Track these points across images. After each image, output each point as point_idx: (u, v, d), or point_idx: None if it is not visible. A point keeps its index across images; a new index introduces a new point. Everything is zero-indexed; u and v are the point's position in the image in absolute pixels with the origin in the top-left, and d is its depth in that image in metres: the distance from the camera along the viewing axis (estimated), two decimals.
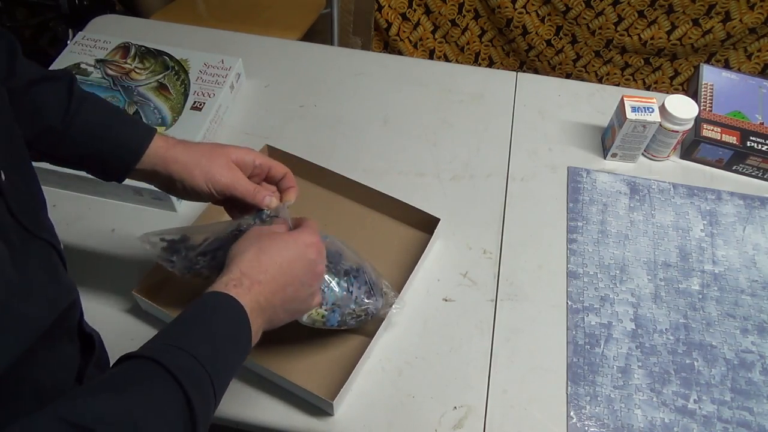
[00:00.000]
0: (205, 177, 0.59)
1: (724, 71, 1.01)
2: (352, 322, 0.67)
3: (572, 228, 0.85)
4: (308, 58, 1.08)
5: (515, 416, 0.68)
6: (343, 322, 0.66)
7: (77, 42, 1.01)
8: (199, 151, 0.60)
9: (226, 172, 0.59)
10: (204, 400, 0.43)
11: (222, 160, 0.60)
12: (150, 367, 0.42)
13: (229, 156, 0.61)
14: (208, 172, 0.59)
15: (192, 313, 0.48)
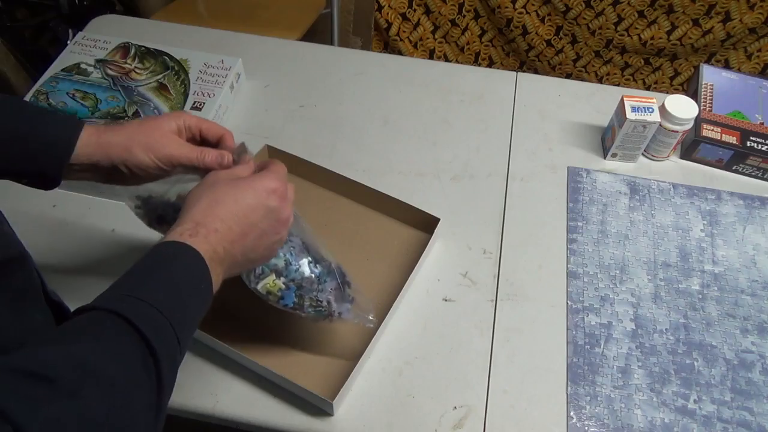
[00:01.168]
0: (145, 150, 0.55)
1: (724, 71, 1.01)
2: (310, 309, 0.63)
3: (572, 228, 0.85)
4: (308, 58, 1.08)
5: (515, 416, 0.68)
6: (299, 305, 0.63)
7: (77, 42, 1.01)
8: (131, 128, 0.56)
9: (165, 141, 0.56)
10: (167, 349, 0.41)
11: (156, 131, 0.56)
12: (106, 316, 0.40)
13: (161, 125, 0.57)
14: (146, 144, 0.55)
15: (148, 262, 0.46)
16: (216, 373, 0.70)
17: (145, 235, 0.79)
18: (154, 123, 0.57)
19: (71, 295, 0.77)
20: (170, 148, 0.56)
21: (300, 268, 0.61)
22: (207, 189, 0.51)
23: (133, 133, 0.56)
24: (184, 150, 0.56)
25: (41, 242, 0.80)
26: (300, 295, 0.62)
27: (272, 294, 0.61)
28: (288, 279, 0.61)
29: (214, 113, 0.93)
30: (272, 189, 0.52)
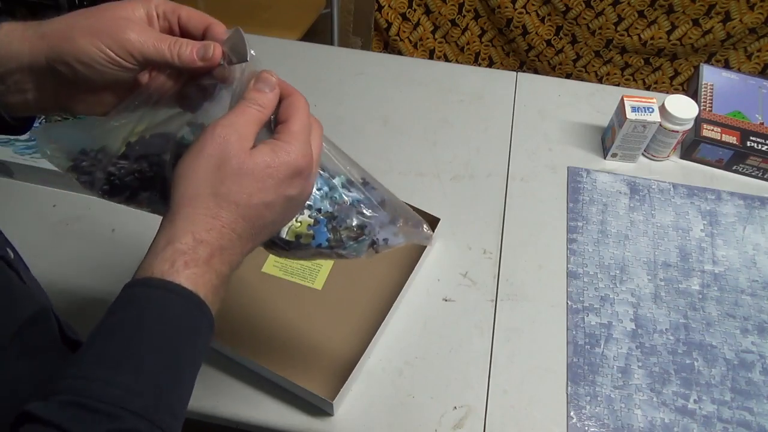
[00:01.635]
0: (91, 35, 0.39)
1: (724, 71, 1.01)
2: (350, 243, 0.49)
3: (572, 228, 0.85)
4: (308, 58, 1.08)
5: (515, 416, 0.68)
6: (336, 240, 0.48)
7: None
8: (75, 14, 0.41)
9: (123, 24, 0.40)
10: None
11: (110, 13, 0.41)
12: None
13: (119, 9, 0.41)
14: (93, 28, 0.39)
15: (122, 325, 0.35)
16: (216, 373, 0.69)
17: (148, 235, 0.79)
18: (110, 6, 0.41)
19: (71, 295, 0.77)
20: (129, 33, 0.39)
21: (328, 192, 0.48)
22: (211, 172, 0.38)
23: (77, 17, 0.41)
24: (150, 37, 0.40)
25: (41, 242, 0.80)
26: (333, 228, 0.48)
27: (303, 236, 0.47)
28: (314, 210, 0.48)
29: None
30: (298, 170, 0.40)
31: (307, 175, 0.41)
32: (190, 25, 0.44)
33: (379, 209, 0.50)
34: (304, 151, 0.40)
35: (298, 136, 0.40)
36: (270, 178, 0.39)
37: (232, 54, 0.42)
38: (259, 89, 0.41)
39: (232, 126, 0.39)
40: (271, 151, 0.39)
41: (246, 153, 0.38)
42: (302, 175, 0.41)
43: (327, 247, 0.48)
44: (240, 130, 0.39)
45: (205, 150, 0.38)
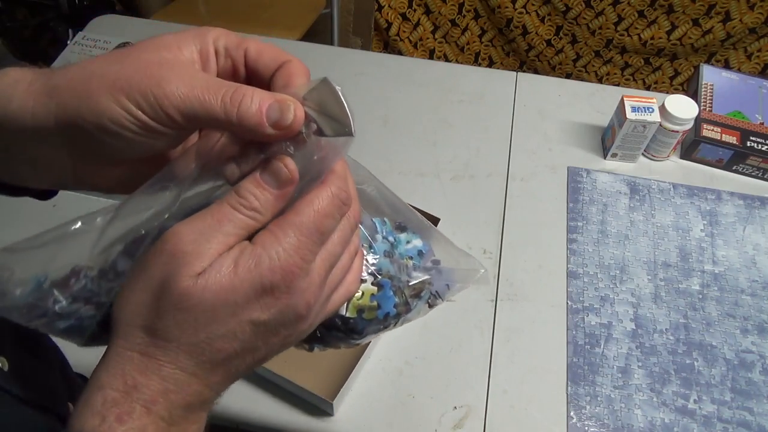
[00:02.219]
0: (115, 90, 0.27)
1: (724, 71, 1.01)
2: (416, 302, 0.40)
3: (572, 228, 0.85)
4: (308, 58, 1.07)
5: (515, 416, 0.68)
6: (404, 303, 0.39)
7: (77, 42, 1.01)
8: (99, 59, 0.29)
9: (164, 72, 0.28)
10: None
11: (147, 55, 0.29)
12: None
13: (163, 49, 0.29)
14: (120, 80, 0.27)
15: None
16: None
17: None
18: (150, 44, 0.29)
19: None
20: (170, 84, 0.27)
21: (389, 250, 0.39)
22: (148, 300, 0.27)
23: (101, 62, 0.28)
24: (198, 86, 0.27)
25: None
26: (398, 290, 0.39)
27: (366, 309, 0.38)
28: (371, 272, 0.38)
29: None
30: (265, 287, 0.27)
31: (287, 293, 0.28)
32: (261, 63, 0.32)
33: (431, 252, 0.41)
34: (282, 261, 0.27)
35: (283, 236, 0.28)
36: (225, 305, 0.27)
37: (320, 118, 0.28)
38: (262, 182, 0.28)
39: (191, 238, 0.27)
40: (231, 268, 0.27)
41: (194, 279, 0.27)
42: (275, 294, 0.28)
43: (394, 315, 0.39)
44: (200, 245, 0.27)
45: (147, 269, 0.27)
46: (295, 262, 0.28)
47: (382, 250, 0.38)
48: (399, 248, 0.39)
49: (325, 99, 0.29)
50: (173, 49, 0.29)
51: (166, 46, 0.29)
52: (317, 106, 0.29)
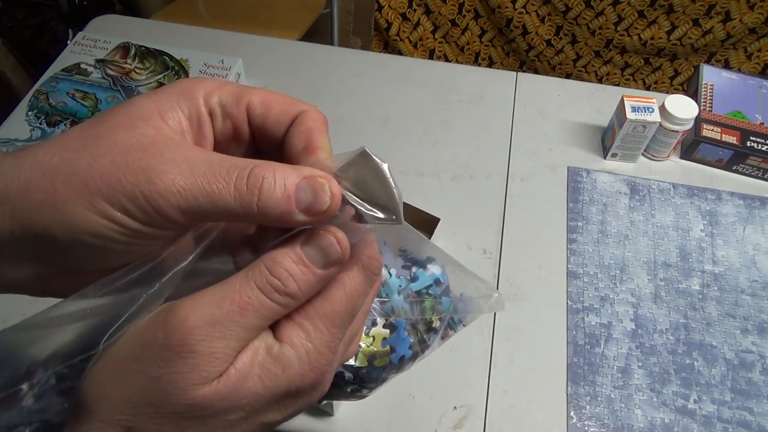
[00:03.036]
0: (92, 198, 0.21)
1: (724, 71, 1.01)
2: (431, 337, 0.36)
3: (572, 228, 0.85)
4: (308, 58, 1.08)
5: (515, 416, 0.68)
6: (420, 341, 0.36)
7: (77, 42, 1.01)
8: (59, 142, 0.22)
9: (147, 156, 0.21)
10: None
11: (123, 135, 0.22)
12: None
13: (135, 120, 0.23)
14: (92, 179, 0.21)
15: None
16: None
17: None
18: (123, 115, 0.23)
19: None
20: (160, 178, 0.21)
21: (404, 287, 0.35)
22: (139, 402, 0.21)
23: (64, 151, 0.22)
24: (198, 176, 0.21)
25: None
26: (413, 327, 0.36)
27: (378, 356, 0.34)
28: (384, 314, 0.34)
29: None
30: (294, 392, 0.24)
31: (309, 393, 0.24)
32: (270, 119, 0.26)
33: (443, 278, 0.37)
34: (311, 363, 0.23)
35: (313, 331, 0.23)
36: (240, 410, 0.22)
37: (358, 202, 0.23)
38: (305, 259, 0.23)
39: (204, 332, 0.21)
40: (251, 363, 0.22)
41: (207, 387, 0.21)
42: (297, 396, 0.24)
43: (410, 357, 0.35)
44: (214, 344, 0.21)
45: (140, 359, 0.21)
46: (326, 360, 0.23)
47: (396, 285, 0.33)
48: (419, 281, 0.34)
49: (364, 177, 0.23)
50: (154, 120, 0.23)
51: (144, 116, 0.22)
52: (355, 185, 0.23)
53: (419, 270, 0.35)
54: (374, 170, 0.23)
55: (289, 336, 0.22)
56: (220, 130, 0.25)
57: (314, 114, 0.25)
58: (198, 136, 0.24)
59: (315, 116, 0.25)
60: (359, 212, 0.23)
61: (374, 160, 0.23)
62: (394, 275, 0.34)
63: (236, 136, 0.26)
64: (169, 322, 0.21)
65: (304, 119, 0.25)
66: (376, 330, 0.33)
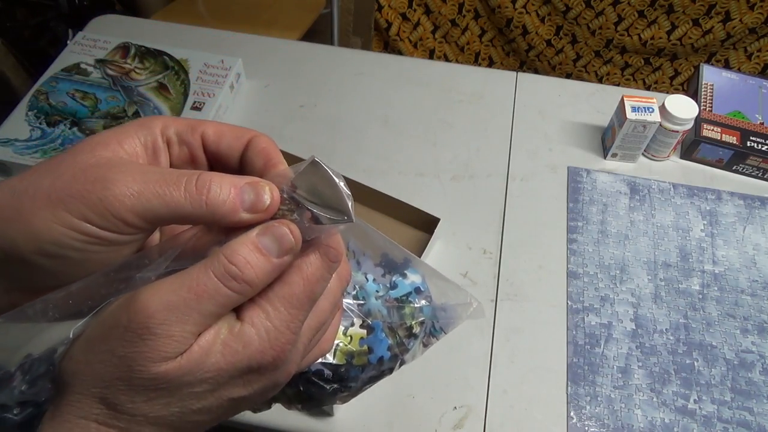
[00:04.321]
0: (54, 209, 0.23)
1: (724, 71, 1.01)
2: (410, 342, 0.37)
3: (572, 228, 0.85)
4: (308, 58, 1.08)
5: (515, 416, 0.68)
6: (399, 343, 0.37)
7: (77, 42, 1.01)
8: (27, 173, 0.25)
9: (104, 171, 0.24)
10: None
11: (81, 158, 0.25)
12: None
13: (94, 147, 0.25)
14: (55, 194, 0.23)
15: None
16: None
17: None
18: (85, 145, 0.26)
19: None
20: (116, 185, 0.23)
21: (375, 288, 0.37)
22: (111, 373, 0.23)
23: (31, 175, 0.24)
24: (151, 182, 0.24)
25: None
26: (390, 330, 0.37)
27: (356, 355, 0.35)
28: (364, 313, 0.36)
29: (214, 113, 0.93)
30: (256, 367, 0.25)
31: (273, 370, 0.26)
32: (223, 145, 0.28)
33: (424, 287, 0.38)
34: (272, 341, 0.25)
35: (273, 311, 0.25)
36: (204, 383, 0.24)
37: (313, 205, 0.26)
38: (261, 248, 0.25)
39: (161, 317, 0.23)
40: (219, 355, 0.24)
41: (170, 363, 0.23)
42: (262, 372, 0.26)
43: (390, 359, 0.36)
44: (172, 328, 0.23)
45: (107, 340, 0.23)
46: (287, 339, 0.25)
47: (373, 290, 0.35)
48: (398, 288, 0.36)
49: (316, 183, 0.26)
50: (111, 146, 0.26)
51: (102, 143, 0.25)
52: (309, 191, 0.26)
53: (399, 278, 0.37)
54: (324, 177, 0.25)
55: (250, 316, 0.25)
56: (177, 156, 0.28)
57: (265, 137, 0.28)
58: (153, 160, 0.27)
59: (266, 139, 0.28)
60: (315, 214, 0.25)
61: (324, 168, 0.25)
62: (371, 280, 0.36)
63: (193, 161, 0.29)
64: (131, 307, 0.23)
65: (258, 142, 0.28)
66: (353, 330, 0.35)
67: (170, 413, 0.24)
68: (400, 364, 0.38)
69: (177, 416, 0.25)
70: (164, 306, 0.23)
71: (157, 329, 0.23)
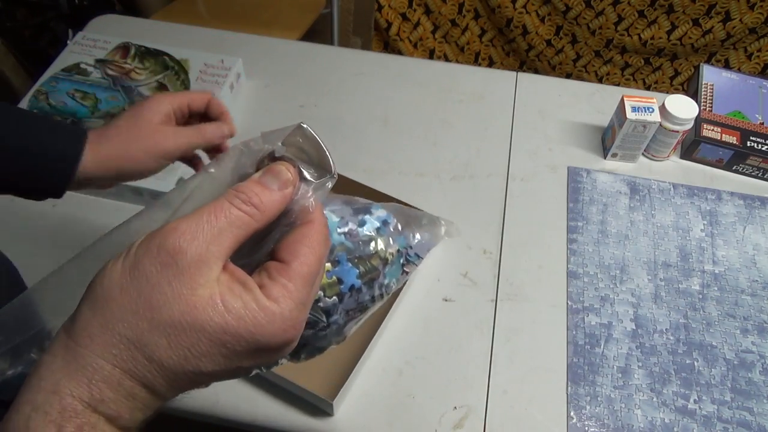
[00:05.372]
0: (147, 154, 0.51)
1: (724, 71, 1.01)
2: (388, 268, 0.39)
3: (572, 228, 0.85)
4: (308, 58, 1.08)
5: (515, 416, 0.68)
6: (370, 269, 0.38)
7: (77, 42, 1.01)
8: (124, 131, 0.51)
9: (160, 136, 0.52)
10: None
11: (149, 127, 0.51)
12: None
13: (152, 118, 0.52)
14: (146, 148, 0.51)
15: None
16: None
17: None
18: (145, 117, 0.51)
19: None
20: (168, 142, 0.51)
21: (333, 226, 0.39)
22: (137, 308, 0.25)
23: (129, 138, 0.51)
24: (181, 139, 0.52)
25: (41, 242, 0.80)
26: (360, 259, 0.38)
27: (327, 287, 0.36)
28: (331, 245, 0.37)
29: None
30: (271, 347, 0.27)
31: (284, 347, 0.28)
32: (195, 106, 0.55)
33: (391, 219, 0.41)
34: (293, 319, 0.27)
35: (296, 291, 0.27)
36: (223, 346, 0.25)
37: (301, 164, 0.30)
38: (264, 183, 0.29)
39: (193, 239, 0.26)
40: (243, 309, 0.26)
41: (201, 296, 0.25)
42: (276, 350, 0.28)
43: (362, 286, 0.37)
44: (203, 249, 0.26)
45: (140, 268, 0.25)
46: (302, 318, 0.28)
47: (335, 226, 0.38)
48: (366, 225, 0.39)
49: (303, 145, 0.31)
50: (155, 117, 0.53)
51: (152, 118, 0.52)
52: (297, 152, 0.31)
53: (366, 216, 0.39)
54: (309, 138, 0.31)
55: (275, 296, 0.27)
56: (178, 119, 0.55)
57: (215, 99, 0.56)
58: (168, 121, 0.54)
59: (217, 100, 0.56)
60: (304, 173, 0.30)
61: (307, 130, 0.31)
62: (333, 216, 0.38)
63: (183, 115, 0.55)
64: (161, 231, 0.26)
65: (213, 100, 0.56)
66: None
67: (184, 371, 0.25)
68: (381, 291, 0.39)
69: (188, 376, 0.26)
70: (188, 225, 0.26)
71: (190, 255, 0.25)
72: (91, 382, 0.24)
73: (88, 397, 0.24)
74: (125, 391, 0.25)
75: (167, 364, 0.25)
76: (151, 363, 0.25)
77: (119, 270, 0.25)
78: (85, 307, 0.25)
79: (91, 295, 0.25)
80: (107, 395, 0.24)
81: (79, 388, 0.24)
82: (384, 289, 0.40)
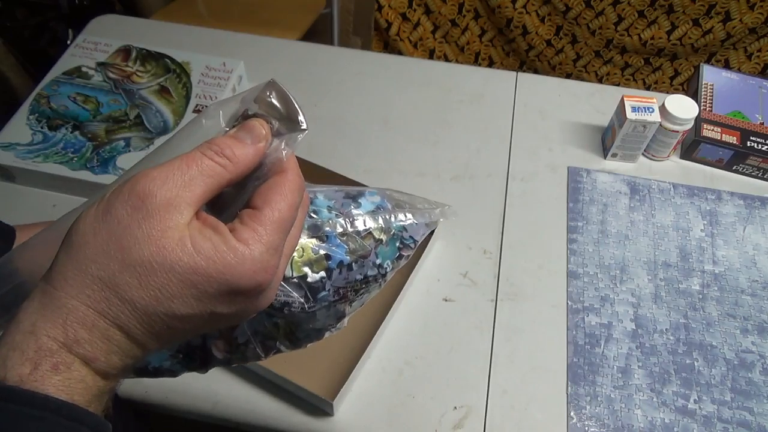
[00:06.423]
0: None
1: (724, 71, 1.01)
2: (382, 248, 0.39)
3: (572, 228, 0.85)
4: (308, 58, 1.08)
5: (515, 416, 0.68)
6: (360, 246, 0.38)
7: (78, 45, 1.01)
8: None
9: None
10: None
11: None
12: None
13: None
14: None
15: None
16: (215, 373, 0.70)
17: None
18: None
19: None
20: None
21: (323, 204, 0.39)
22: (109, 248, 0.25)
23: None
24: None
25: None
26: (350, 236, 0.38)
27: (315, 263, 0.36)
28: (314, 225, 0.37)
29: None
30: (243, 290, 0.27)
31: (258, 294, 0.28)
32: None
33: (385, 203, 0.41)
34: (263, 262, 0.27)
35: (266, 235, 0.28)
36: (194, 287, 0.26)
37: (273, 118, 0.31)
38: (237, 137, 0.29)
39: (163, 184, 0.26)
40: (212, 250, 0.26)
41: (170, 238, 0.25)
42: (248, 294, 0.28)
43: (352, 262, 0.37)
44: (173, 194, 0.26)
45: (111, 212, 0.26)
46: (273, 263, 0.28)
47: (325, 205, 0.38)
48: (360, 208, 0.39)
49: (273, 100, 0.31)
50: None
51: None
52: (268, 108, 0.31)
53: (362, 198, 0.40)
54: (279, 93, 0.31)
55: (245, 238, 0.27)
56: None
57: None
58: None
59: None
60: (275, 127, 0.31)
61: (278, 85, 0.31)
62: (322, 197, 0.38)
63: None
64: (134, 178, 0.26)
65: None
66: (302, 242, 0.36)
67: (156, 311, 0.26)
68: (378, 270, 0.38)
69: (162, 318, 0.26)
70: (159, 172, 0.26)
71: (155, 189, 0.26)
72: (66, 322, 0.25)
73: (63, 338, 0.25)
74: (100, 333, 0.25)
75: (139, 305, 0.25)
76: (124, 303, 0.25)
77: (92, 215, 0.26)
78: (62, 252, 0.26)
79: (67, 241, 0.26)
80: (82, 336, 0.25)
81: (54, 329, 0.25)
82: (379, 270, 0.39)
